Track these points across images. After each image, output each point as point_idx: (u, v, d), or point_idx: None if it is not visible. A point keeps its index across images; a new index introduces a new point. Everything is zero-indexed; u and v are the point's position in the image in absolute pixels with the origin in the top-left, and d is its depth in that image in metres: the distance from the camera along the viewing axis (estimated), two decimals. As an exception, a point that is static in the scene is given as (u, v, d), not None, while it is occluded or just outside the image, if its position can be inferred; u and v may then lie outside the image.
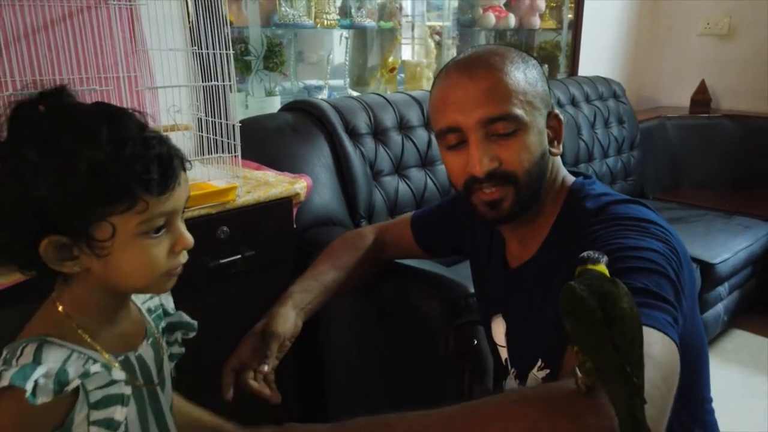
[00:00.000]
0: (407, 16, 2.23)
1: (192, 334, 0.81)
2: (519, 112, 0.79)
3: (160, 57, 1.37)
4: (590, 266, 0.59)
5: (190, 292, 0.86)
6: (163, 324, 0.78)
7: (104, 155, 0.58)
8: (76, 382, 0.59)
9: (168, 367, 0.76)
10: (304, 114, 1.65)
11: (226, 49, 1.11)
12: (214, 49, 1.18)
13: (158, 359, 0.72)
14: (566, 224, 0.85)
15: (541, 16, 2.74)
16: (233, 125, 1.16)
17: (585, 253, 0.59)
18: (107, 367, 0.63)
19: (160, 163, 0.61)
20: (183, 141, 1.33)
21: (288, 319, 0.97)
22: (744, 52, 2.96)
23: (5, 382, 0.55)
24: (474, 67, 0.81)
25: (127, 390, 0.65)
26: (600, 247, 0.68)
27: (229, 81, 1.13)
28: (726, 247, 2.05)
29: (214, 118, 1.24)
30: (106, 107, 0.62)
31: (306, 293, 1.03)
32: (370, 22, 2.07)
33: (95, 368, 0.61)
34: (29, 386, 0.55)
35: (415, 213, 1.20)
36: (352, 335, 1.38)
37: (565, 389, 0.59)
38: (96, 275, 0.62)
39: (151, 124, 0.66)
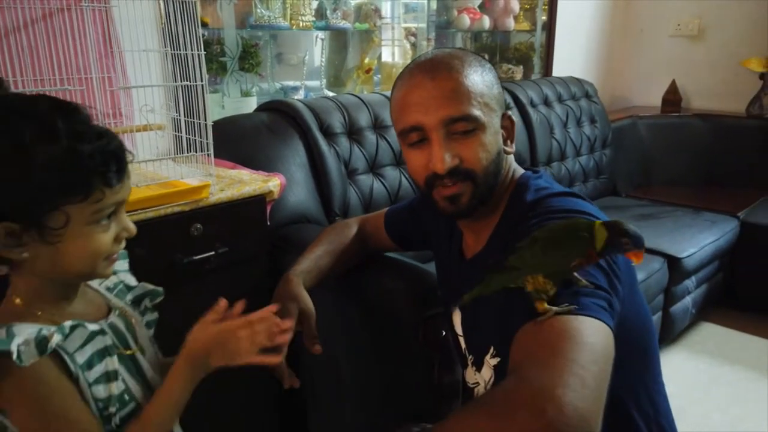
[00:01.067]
0: (384, 18, 2.27)
1: (159, 299, 0.84)
2: (477, 113, 0.84)
3: (133, 58, 1.39)
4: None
5: (165, 288, 0.88)
6: (129, 297, 0.81)
7: (61, 148, 0.61)
8: (56, 338, 0.62)
9: (146, 334, 0.79)
10: (280, 114, 1.68)
11: (198, 50, 1.14)
12: (186, 50, 1.21)
13: (131, 329, 0.75)
14: (509, 216, 0.90)
15: (516, 18, 2.79)
16: (206, 124, 1.19)
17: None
18: (81, 324, 0.65)
19: (117, 157, 0.64)
20: (156, 140, 1.36)
21: (308, 298, 1.02)
22: (713, 53, 3.04)
23: None
24: (436, 69, 0.85)
25: (109, 340, 0.68)
26: None
27: (201, 81, 1.16)
28: (693, 241, 2.11)
29: (188, 117, 1.27)
30: (56, 101, 0.65)
31: (308, 274, 1.08)
32: (345, 24, 2.10)
33: (66, 328, 0.63)
34: (14, 347, 0.58)
35: (389, 207, 1.25)
36: (328, 326, 1.41)
37: (500, 391, 0.62)
38: (43, 262, 0.64)
39: (125, 123, 0.70)
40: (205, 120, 1.18)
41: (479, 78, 0.86)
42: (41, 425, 0.62)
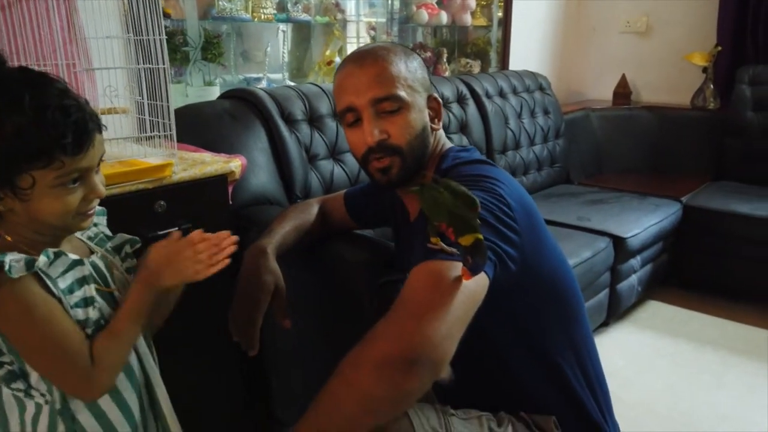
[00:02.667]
0: (344, 12, 2.34)
1: (138, 245, 0.92)
2: (402, 93, 0.97)
3: (97, 44, 1.44)
4: None
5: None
6: (109, 245, 0.88)
7: (26, 120, 0.68)
8: (42, 259, 0.70)
9: (126, 279, 0.87)
10: (242, 102, 1.74)
11: (160, 35, 1.20)
12: (148, 36, 1.27)
13: (110, 271, 0.83)
14: None
15: (473, 14, 2.90)
16: (167, 106, 1.25)
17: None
18: (63, 253, 0.73)
19: (76, 128, 0.71)
20: (121, 123, 1.41)
21: (280, 272, 1.09)
22: (660, 49, 3.20)
23: None
24: (363, 58, 0.99)
25: (87, 270, 0.76)
26: None
27: (163, 64, 1.22)
28: (638, 223, 2.25)
29: (152, 101, 1.33)
30: (29, 73, 0.72)
31: (278, 249, 1.14)
32: (306, 17, 2.17)
33: (51, 254, 0.72)
34: (6, 260, 0.67)
35: (348, 189, 1.35)
36: (290, 295, 1.48)
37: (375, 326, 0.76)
38: (19, 216, 0.73)
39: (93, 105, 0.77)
40: (167, 102, 1.24)
41: (402, 65, 0.99)
42: (29, 329, 0.70)
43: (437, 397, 1.17)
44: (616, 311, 2.24)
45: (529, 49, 3.14)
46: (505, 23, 2.97)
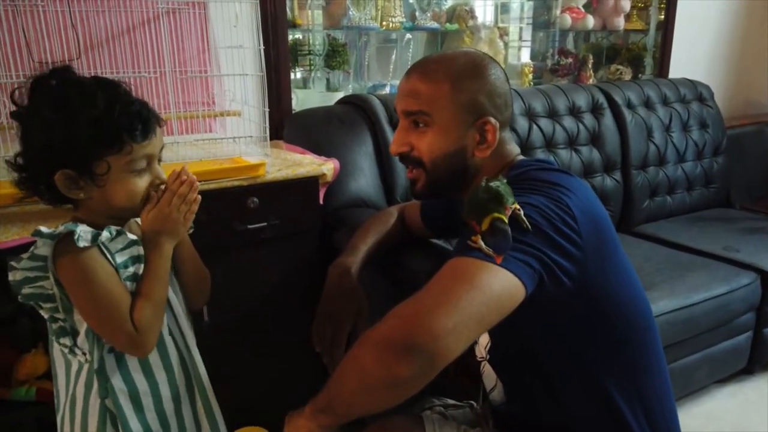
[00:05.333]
0: (476, 18, 2.32)
1: (191, 230, 1.01)
2: (428, 111, 0.95)
3: (225, 54, 1.61)
4: None
5: (226, 251, 1.05)
6: None
7: (100, 112, 0.80)
8: (105, 234, 0.83)
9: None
10: (354, 107, 1.82)
11: (260, 45, 1.31)
12: (260, 46, 1.40)
13: None
14: None
15: (627, 17, 2.68)
16: (265, 111, 1.36)
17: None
18: (123, 232, 0.86)
19: (141, 119, 0.83)
20: (233, 123, 1.57)
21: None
22: None
23: (62, 229, 0.81)
24: (415, 67, 0.99)
25: (142, 251, 0.88)
26: None
27: (261, 72, 1.33)
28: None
29: (264, 107, 1.46)
30: (102, 79, 0.85)
31: (362, 267, 1.19)
32: (434, 24, 2.20)
33: (114, 231, 0.84)
34: (77, 229, 0.80)
35: None
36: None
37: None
38: (96, 202, 0.85)
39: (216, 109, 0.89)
40: (265, 107, 1.35)
41: (449, 83, 0.94)
42: (89, 291, 0.82)
43: (493, 419, 1.13)
44: (761, 358, 1.93)
45: (694, 54, 2.81)
46: (666, 26, 2.69)
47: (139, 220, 0.95)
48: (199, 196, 0.91)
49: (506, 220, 0.76)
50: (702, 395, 1.90)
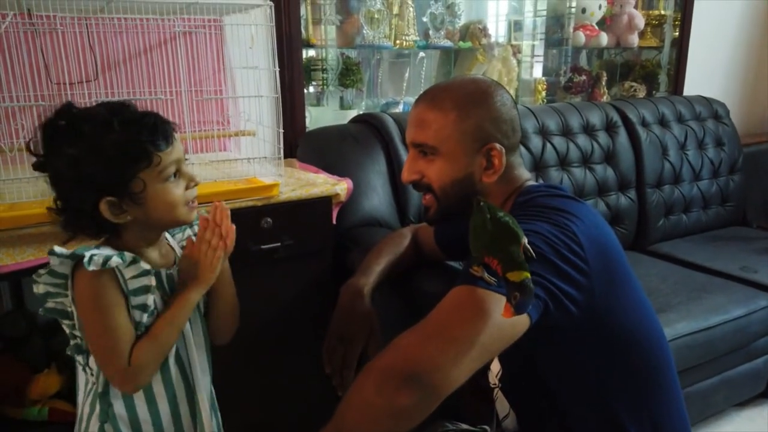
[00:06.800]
0: (489, 36, 2.32)
1: None
2: (434, 142, 0.96)
3: (240, 75, 1.62)
4: None
5: (241, 271, 1.05)
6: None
7: (118, 134, 0.81)
8: (115, 260, 0.82)
9: None
10: (367, 125, 1.82)
11: (274, 67, 1.32)
12: (275, 68, 1.40)
13: None
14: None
15: (641, 34, 2.67)
16: (279, 132, 1.36)
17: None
18: (138, 260, 0.86)
19: (158, 129, 0.84)
20: (246, 143, 1.57)
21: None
22: None
23: (74, 251, 0.82)
24: (422, 97, 1.00)
25: (154, 281, 0.87)
26: None
27: (276, 94, 1.33)
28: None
29: (278, 128, 1.46)
30: (108, 104, 0.86)
31: (374, 288, 1.19)
32: (447, 43, 2.20)
33: (127, 258, 0.84)
34: (87, 254, 0.81)
35: None
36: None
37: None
38: (140, 220, 0.86)
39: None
40: (279, 128, 1.36)
41: (454, 113, 0.95)
42: (92, 314, 0.83)
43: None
44: (778, 386, 1.90)
45: (708, 71, 2.79)
46: (681, 44, 2.68)
47: (170, 239, 0.95)
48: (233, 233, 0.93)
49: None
50: (720, 419, 1.86)
